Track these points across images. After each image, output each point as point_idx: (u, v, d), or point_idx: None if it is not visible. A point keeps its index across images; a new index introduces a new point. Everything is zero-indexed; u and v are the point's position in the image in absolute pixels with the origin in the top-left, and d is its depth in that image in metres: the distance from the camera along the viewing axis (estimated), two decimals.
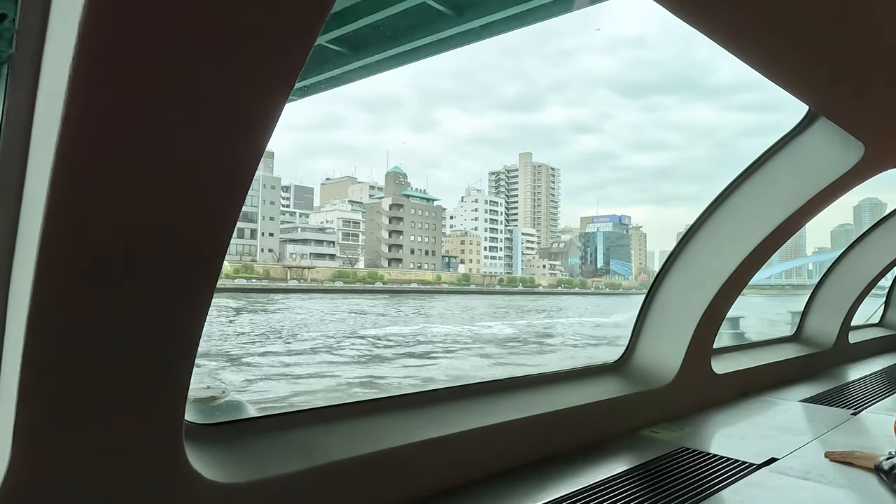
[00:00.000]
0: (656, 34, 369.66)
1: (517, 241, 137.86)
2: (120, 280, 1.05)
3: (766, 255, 2.91)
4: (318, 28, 0.95)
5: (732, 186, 2.86)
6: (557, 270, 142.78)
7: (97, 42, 0.80)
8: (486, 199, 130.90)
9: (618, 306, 59.80)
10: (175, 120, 0.95)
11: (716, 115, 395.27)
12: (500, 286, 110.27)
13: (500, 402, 2.26)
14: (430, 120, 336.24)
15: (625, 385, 2.77)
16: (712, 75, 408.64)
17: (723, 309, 3.03)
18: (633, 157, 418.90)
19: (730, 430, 2.89)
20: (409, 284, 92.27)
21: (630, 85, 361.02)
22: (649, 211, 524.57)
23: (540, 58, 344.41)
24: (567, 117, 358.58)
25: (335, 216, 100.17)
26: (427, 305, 55.07)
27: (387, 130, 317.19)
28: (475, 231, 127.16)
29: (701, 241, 2.94)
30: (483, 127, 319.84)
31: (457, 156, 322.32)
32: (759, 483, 2.09)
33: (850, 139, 2.45)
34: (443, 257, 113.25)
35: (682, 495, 1.94)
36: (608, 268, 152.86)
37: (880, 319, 6.33)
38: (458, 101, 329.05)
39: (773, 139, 2.78)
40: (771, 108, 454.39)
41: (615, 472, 2.11)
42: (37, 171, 0.98)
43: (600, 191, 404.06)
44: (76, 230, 0.95)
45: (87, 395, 1.10)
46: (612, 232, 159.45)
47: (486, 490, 1.91)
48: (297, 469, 1.50)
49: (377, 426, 1.86)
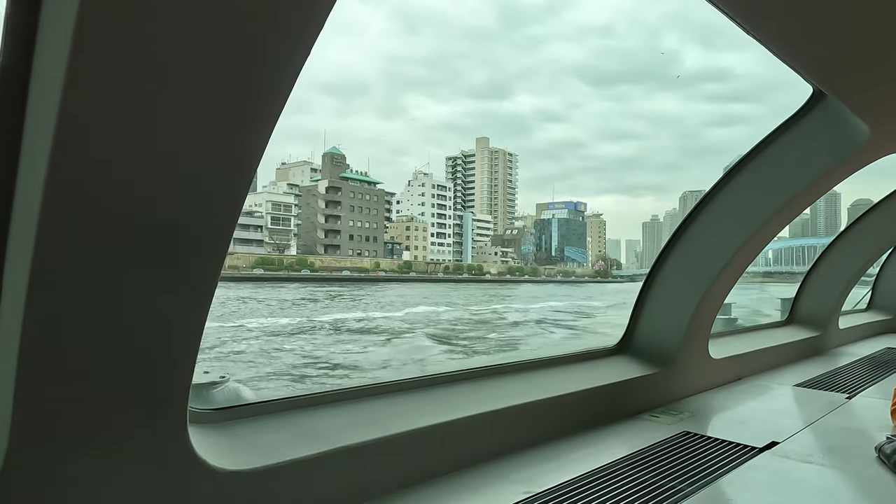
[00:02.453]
0: (623, 22, 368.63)
1: (467, 227, 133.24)
2: (122, 267, 1.02)
3: (766, 239, 2.91)
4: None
5: (734, 170, 2.79)
6: (510, 258, 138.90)
7: (92, 35, 0.79)
8: (433, 184, 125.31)
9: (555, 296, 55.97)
10: (177, 114, 0.94)
11: (681, 106, 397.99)
12: (443, 274, 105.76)
13: (501, 386, 2.30)
14: (397, 106, 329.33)
15: (624, 369, 2.79)
16: (677, 65, 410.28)
17: (722, 293, 3.03)
18: (600, 147, 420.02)
19: (729, 414, 2.90)
20: (342, 272, 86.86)
21: (598, 73, 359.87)
22: (616, 200, 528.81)
23: (509, 45, 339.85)
24: (535, 105, 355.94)
25: (263, 199, 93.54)
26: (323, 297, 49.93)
27: (354, 116, 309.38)
28: (422, 217, 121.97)
29: (701, 224, 2.89)
30: (451, 114, 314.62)
31: (426, 142, 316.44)
32: (762, 466, 2.12)
33: (854, 122, 2.41)
34: (386, 244, 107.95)
35: (687, 478, 1.96)
36: (563, 255, 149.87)
37: (867, 305, 6.45)
38: (427, 87, 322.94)
39: (738, 130, 2.14)
40: (736, 98, 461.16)
41: (619, 457, 2.12)
42: (33, 157, 0.94)
43: (568, 180, 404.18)
44: (74, 219, 0.93)
45: (87, 383, 1.08)
46: (567, 219, 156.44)
47: (487, 475, 1.90)
48: (304, 455, 1.49)
49: (382, 410, 1.87)
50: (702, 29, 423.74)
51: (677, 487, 1.87)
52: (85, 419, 1.11)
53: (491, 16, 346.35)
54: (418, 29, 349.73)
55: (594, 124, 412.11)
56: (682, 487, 1.87)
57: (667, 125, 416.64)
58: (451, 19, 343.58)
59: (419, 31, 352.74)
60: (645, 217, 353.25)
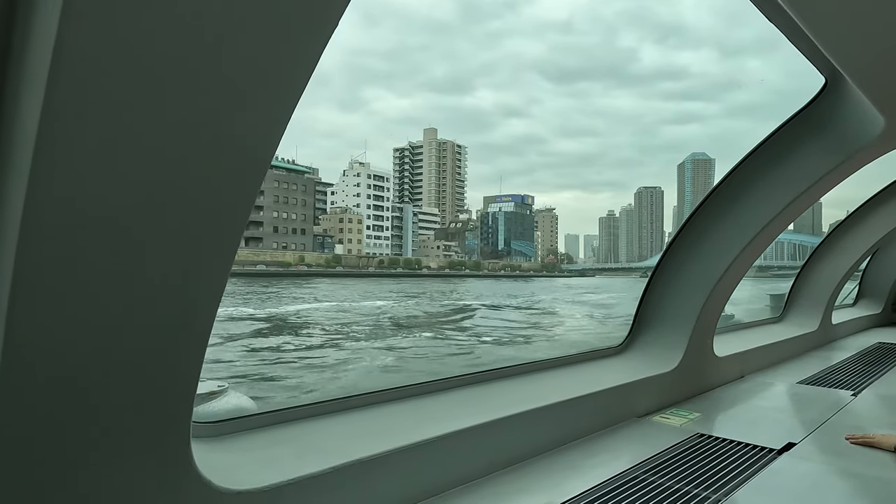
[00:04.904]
0: (582, 19, 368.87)
1: (408, 220, 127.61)
2: (118, 269, 0.92)
3: (774, 234, 2.85)
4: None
5: (743, 164, 2.75)
6: (453, 252, 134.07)
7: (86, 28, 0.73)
8: (369, 174, 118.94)
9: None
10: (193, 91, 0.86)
11: (638, 103, 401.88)
12: (375, 269, 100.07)
13: (509, 390, 2.27)
14: (357, 99, 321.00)
15: (632, 370, 2.73)
16: (635, 63, 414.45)
17: (729, 288, 2.99)
18: (560, 143, 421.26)
19: (739, 413, 2.87)
20: (255, 266, 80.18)
21: (557, 69, 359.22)
22: (575, 196, 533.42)
23: (469, 40, 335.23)
24: (496, 100, 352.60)
25: None
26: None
27: (313, 108, 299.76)
28: (357, 209, 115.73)
29: (709, 219, 2.84)
30: (413, 107, 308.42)
31: (385, 136, 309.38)
32: (785, 470, 2.06)
33: (869, 113, 2.37)
34: (317, 237, 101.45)
35: (710, 484, 1.90)
36: (510, 248, 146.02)
37: (854, 301, 6.47)
38: (387, 79, 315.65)
39: (692, 128, 2.60)
40: (691, 96, 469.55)
41: (637, 462, 2.06)
42: (17, 143, 0.83)
43: (528, 175, 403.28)
44: (62, 216, 0.83)
45: (76, 394, 0.96)
46: (514, 212, 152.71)
47: (507, 484, 1.81)
48: (314, 471, 1.39)
49: (388, 418, 1.81)
50: (659, 27, 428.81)
51: (703, 495, 1.80)
52: (76, 437, 0.98)
53: (450, 8, 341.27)
54: (378, 20, 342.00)
55: (554, 121, 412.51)
56: (707, 494, 1.80)
57: (624, 122, 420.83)
58: (411, 12, 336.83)
59: (379, 22, 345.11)
60: (601, 212, 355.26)
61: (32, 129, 0.76)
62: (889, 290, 6.32)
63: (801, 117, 2.56)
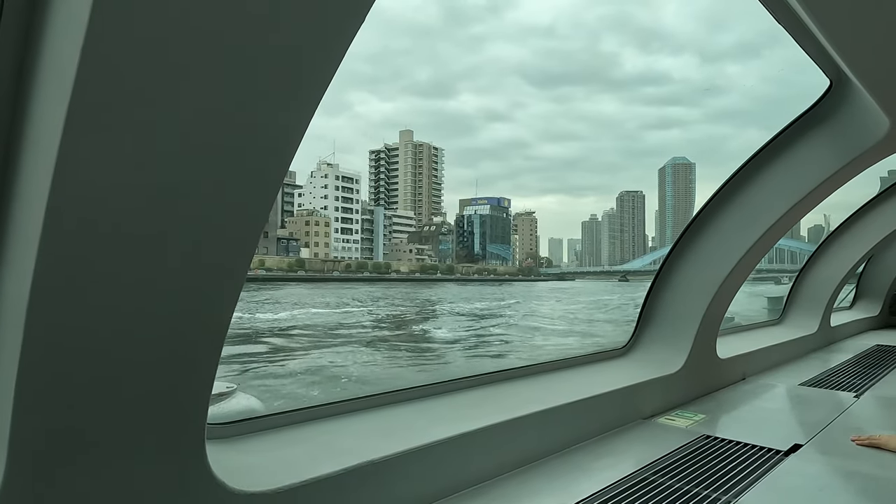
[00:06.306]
0: (565, 24, 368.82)
1: (379, 222, 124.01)
2: (135, 267, 0.91)
3: (777, 236, 2.85)
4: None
5: (747, 166, 2.76)
6: (426, 255, 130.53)
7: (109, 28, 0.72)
8: (337, 175, 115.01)
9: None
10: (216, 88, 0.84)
11: (620, 108, 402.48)
12: (340, 273, 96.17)
13: (515, 392, 2.28)
14: (341, 103, 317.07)
15: (636, 371, 2.74)
16: (617, 67, 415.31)
17: (732, 291, 3.01)
18: (544, 147, 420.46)
19: (743, 415, 2.87)
20: None
21: (541, 74, 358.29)
22: (559, 200, 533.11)
23: (453, 43, 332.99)
24: (480, 105, 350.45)
25: None
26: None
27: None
28: (324, 211, 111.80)
29: (713, 222, 2.85)
30: (396, 111, 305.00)
31: (368, 140, 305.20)
32: (794, 471, 2.05)
33: (874, 114, 2.37)
34: (280, 240, 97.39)
35: (719, 486, 1.89)
36: (486, 252, 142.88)
37: (851, 303, 6.46)
38: (370, 83, 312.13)
39: (673, 133, 2.69)
40: (672, 101, 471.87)
41: (644, 464, 2.06)
42: (37, 143, 0.83)
43: (513, 180, 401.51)
44: (80, 215, 0.82)
45: (92, 394, 0.96)
46: (490, 215, 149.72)
47: (518, 487, 1.80)
48: (328, 472, 1.38)
49: (398, 419, 1.82)
50: (641, 32, 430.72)
51: (713, 496, 1.80)
52: (89, 435, 0.98)
53: (434, 12, 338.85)
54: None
55: (538, 125, 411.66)
56: (717, 496, 1.80)
57: (607, 127, 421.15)
58: (395, 15, 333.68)
59: (363, 25, 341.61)
60: (584, 217, 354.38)
61: (59, 125, 0.75)
62: (886, 292, 6.33)
63: (806, 119, 2.56)
